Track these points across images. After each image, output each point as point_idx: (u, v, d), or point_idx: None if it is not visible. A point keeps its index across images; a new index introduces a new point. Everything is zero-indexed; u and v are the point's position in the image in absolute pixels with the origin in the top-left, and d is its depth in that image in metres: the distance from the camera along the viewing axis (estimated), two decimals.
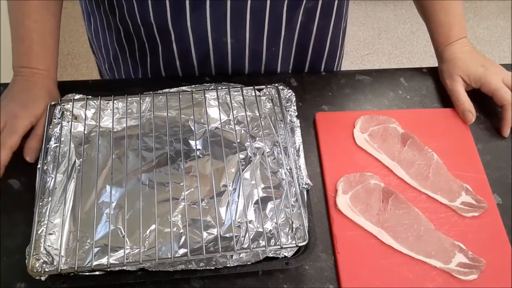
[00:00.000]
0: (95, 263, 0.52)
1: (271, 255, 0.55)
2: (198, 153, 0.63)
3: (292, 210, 0.58)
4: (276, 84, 0.68)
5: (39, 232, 0.54)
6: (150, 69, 0.79)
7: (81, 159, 0.61)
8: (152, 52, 0.75)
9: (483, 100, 0.72)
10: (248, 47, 0.72)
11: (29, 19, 0.65)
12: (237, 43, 0.72)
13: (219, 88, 0.68)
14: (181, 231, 0.56)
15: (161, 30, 0.70)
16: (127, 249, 0.54)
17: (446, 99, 0.73)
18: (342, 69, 0.86)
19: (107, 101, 0.66)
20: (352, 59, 2.16)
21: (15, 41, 0.66)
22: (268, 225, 0.57)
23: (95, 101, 0.65)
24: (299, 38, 0.76)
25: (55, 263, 0.53)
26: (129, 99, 0.66)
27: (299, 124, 0.65)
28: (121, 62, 0.81)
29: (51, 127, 0.63)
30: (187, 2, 0.65)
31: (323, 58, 0.82)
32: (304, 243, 0.54)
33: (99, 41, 0.82)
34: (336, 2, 0.73)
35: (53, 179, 0.58)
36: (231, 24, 0.68)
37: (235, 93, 0.68)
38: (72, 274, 0.53)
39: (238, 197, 0.59)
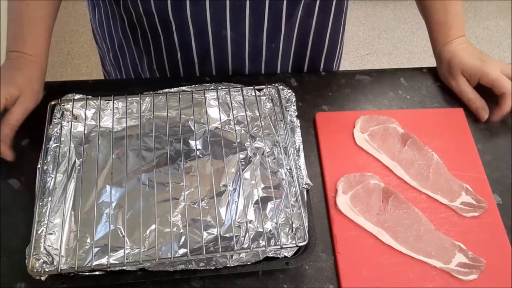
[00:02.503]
0: (95, 263, 0.52)
1: (271, 255, 0.55)
2: (198, 153, 0.63)
3: (292, 210, 0.58)
4: (276, 84, 0.68)
5: (39, 232, 0.54)
6: (154, 59, 0.78)
7: (81, 159, 0.61)
8: (154, 41, 0.75)
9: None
10: (247, 41, 0.73)
11: (21, 2, 0.64)
12: (236, 37, 0.72)
13: (219, 88, 0.68)
14: (181, 231, 0.56)
15: (162, 20, 0.70)
16: (127, 249, 0.54)
17: (446, 99, 0.74)
18: (342, 69, 0.86)
19: (107, 101, 0.66)
20: (352, 59, 2.16)
21: (8, 25, 0.65)
22: (268, 225, 0.57)
23: (95, 101, 0.65)
24: (299, 34, 0.76)
25: (55, 263, 0.53)
26: (129, 99, 0.66)
27: (299, 124, 0.65)
28: (126, 50, 0.81)
29: (51, 127, 0.63)
30: None
31: (323, 54, 0.82)
32: (304, 243, 0.54)
33: (103, 30, 0.82)
34: None
35: (53, 179, 0.58)
36: (230, 17, 0.69)
37: (235, 93, 0.68)
38: (72, 274, 0.53)
39: (238, 197, 0.59)
